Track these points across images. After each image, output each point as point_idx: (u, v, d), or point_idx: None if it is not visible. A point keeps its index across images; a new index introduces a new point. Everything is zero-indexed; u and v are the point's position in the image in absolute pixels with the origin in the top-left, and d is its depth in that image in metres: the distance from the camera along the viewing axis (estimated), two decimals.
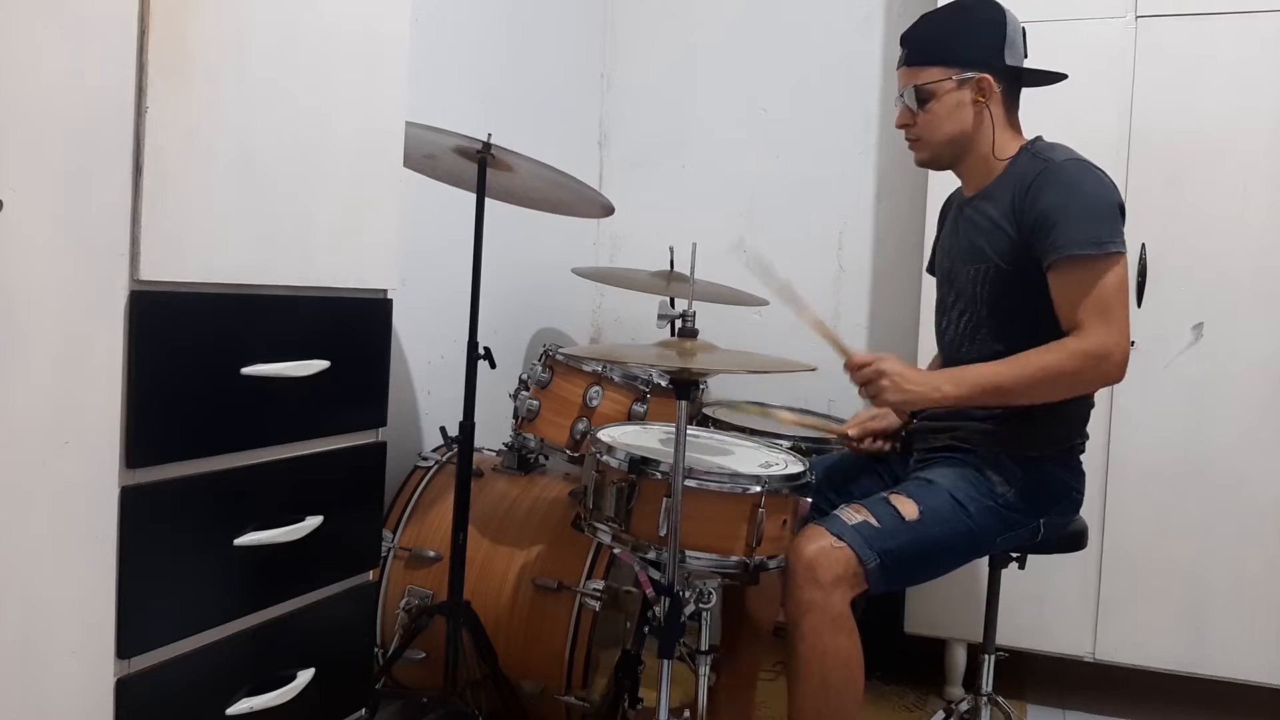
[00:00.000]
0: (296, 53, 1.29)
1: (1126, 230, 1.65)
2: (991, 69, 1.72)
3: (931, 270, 2.03)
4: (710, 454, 1.69)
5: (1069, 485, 1.75)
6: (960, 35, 1.72)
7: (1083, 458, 1.79)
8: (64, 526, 1.05)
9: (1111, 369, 1.61)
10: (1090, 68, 2.28)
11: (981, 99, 1.72)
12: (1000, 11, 1.73)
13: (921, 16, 1.78)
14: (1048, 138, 1.76)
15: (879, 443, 1.91)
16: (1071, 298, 1.62)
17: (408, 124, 1.52)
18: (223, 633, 1.26)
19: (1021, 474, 1.70)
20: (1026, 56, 1.77)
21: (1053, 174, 1.65)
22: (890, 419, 1.92)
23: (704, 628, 1.65)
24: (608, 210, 2.06)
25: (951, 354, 1.82)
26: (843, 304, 2.91)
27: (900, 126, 1.80)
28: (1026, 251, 1.66)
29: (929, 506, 1.64)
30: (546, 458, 2.12)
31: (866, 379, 1.65)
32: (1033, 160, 1.70)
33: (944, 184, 2.00)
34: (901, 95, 1.77)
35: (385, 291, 1.50)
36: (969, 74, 1.71)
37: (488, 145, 1.74)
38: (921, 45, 1.74)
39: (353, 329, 1.44)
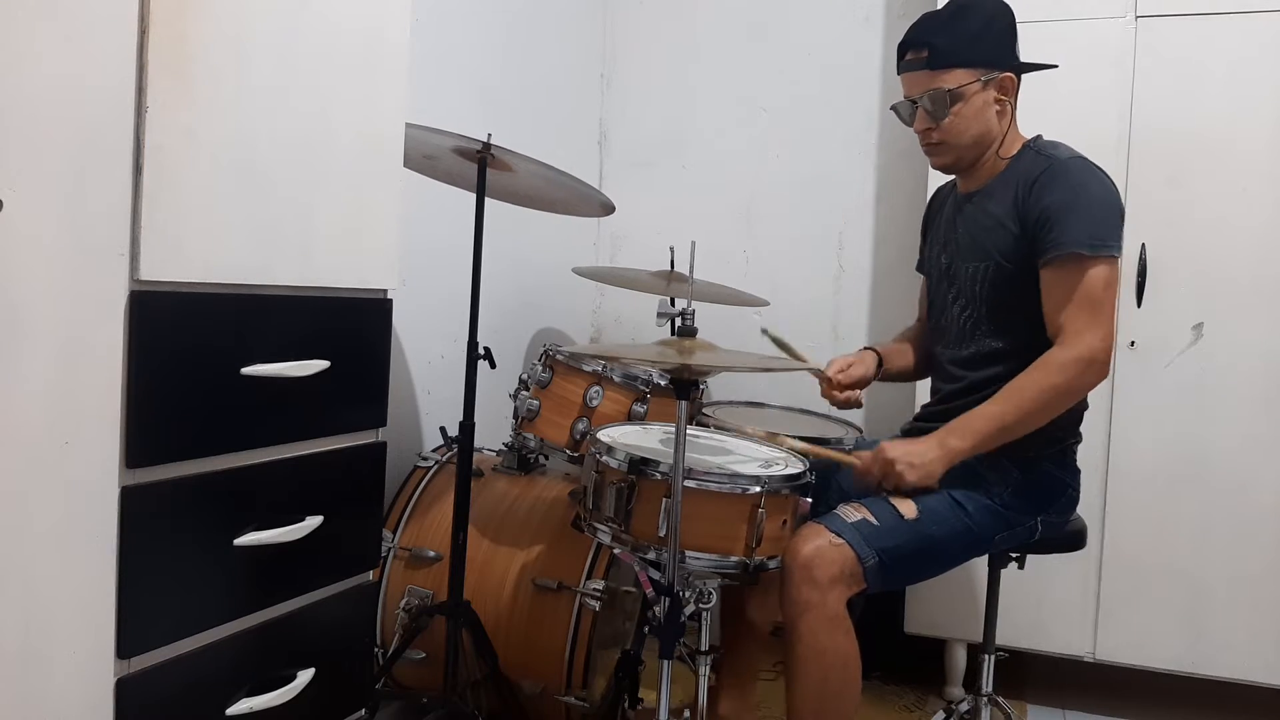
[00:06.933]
0: (297, 53, 1.29)
1: (1126, 230, 1.65)
2: (1011, 67, 1.71)
3: (921, 268, 2.02)
4: (710, 454, 1.69)
5: (1065, 483, 1.76)
6: (980, 35, 1.69)
7: (1078, 457, 1.79)
8: (64, 526, 1.05)
9: (1098, 369, 1.61)
10: (1090, 68, 2.28)
11: (1004, 98, 1.72)
12: (1006, 6, 1.72)
13: (928, 17, 1.73)
14: (1048, 137, 1.76)
15: (855, 394, 1.88)
16: (1060, 297, 1.62)
17: (407, 125, 1.51)
18: (223, 633, 1.26)
19: (1018, 473, 1.70)
20: None
21: (1057, 171, 1.65)
22: (867, 367, 1.91)
23: (704, 628, 1.65)
24: (608, 209, 2.05)
25: (952, 352, 1.82)
26: (843, 304, 2.91)
27: (920, 131, 1.75)
28: (1028, 249, 1.66)
29: (927, 505, 1.64)
30: (546, 458, 2.12)
31: (883, 474, 1.64)
32: (1036, 158, 1.70)
33: (944, 183, 1.99)
34: (916, 100, 1.71)
35: (385, 291, 1.50)
36: (993, 74, 1.69)
37: (487, 145, 1.74)
38: (943, 49, 1.67)
39: (353, 329, 1.44)
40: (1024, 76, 1.76)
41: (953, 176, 1.86)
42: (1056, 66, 1.81)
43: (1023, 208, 1.67)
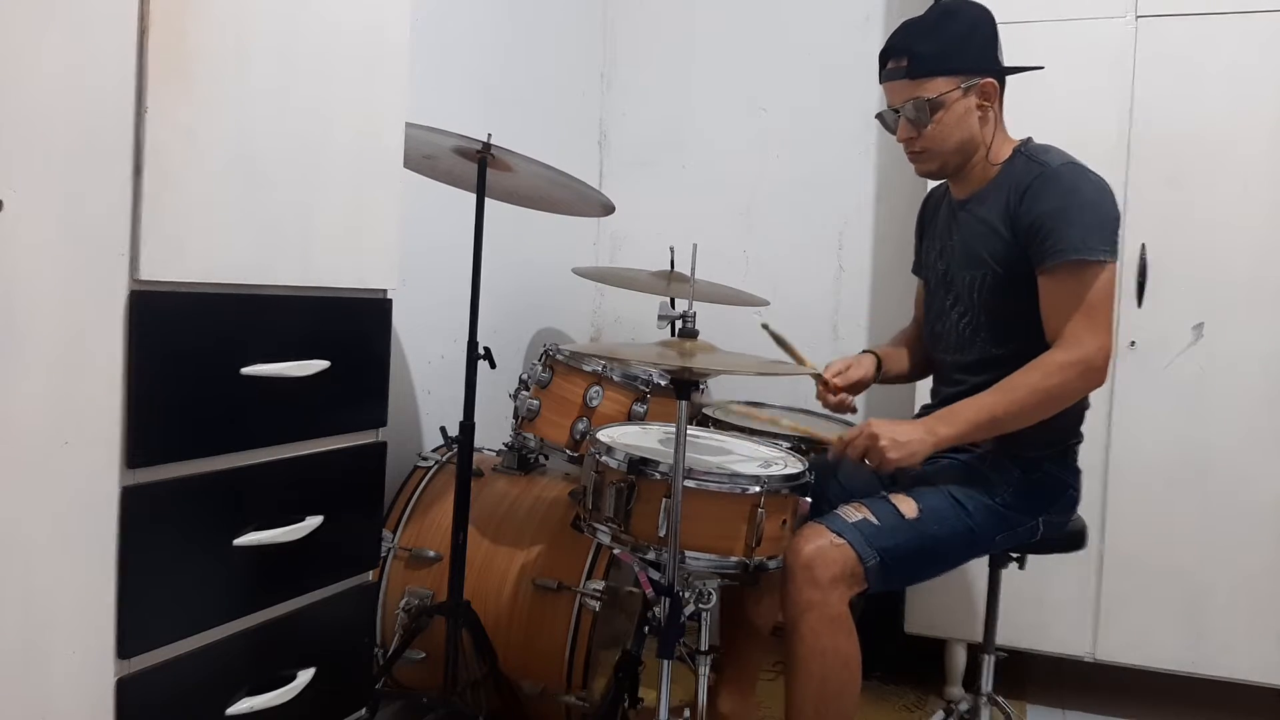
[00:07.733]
0: (297, 53, 1.29)
1: (1127, 231, 1.65)
2: (992, 72, 1.71)
3: (917, 271, 2.02)
4: (710, 454, 1.69)
5: (1066, 484, 1.76)
6: (961, 42, 1.68)
7: (1080, 457, 1.79)
8: (64, 526, 1.05)
9: (1095, 376, 1.61)
10: (1090, 68, 2.28)
11: (986, 103, 1.71)
12: (987, 11, 1.72)
13: (905, 26, 1.72)
14: (1049, 139, 1.75)
15: (849, 398, 1.89)
16: (1058, 304, 1.62)
17: (407, 125, 1.52)
18: (223, 633, 1.26)
19: (1019, 474, 1.70)
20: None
21: (1049, 178, 1.64)
22: (865, 370, 1.92)
23: (704, 628, 1.65)
24: (608, 209, 2.05)
25: (953, 357, 1.81)
26: (843, 304, 2.91)
27: (903, 140, 1.74)
28: (1022, 255, 1.66)
29: (929, 505, 1.64)
30: (546, 458, 2.12)
31: (863, 449, 1.62)
32: (1028, 164, 1.69)
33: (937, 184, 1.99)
34: (898, 110, 1.71)
35: (385, 291, 1.50)
36: (974, 80, 1.69)
37: (487, 145, 1.74)
38: (923, 57, 1.67)
39: (353, 329, 1.44)
40: (1023, 77, 1.76)
41: (944, 180, 1.86)
42: (1042, 68, 1.80)
43: (1014, 214, 1.66)
